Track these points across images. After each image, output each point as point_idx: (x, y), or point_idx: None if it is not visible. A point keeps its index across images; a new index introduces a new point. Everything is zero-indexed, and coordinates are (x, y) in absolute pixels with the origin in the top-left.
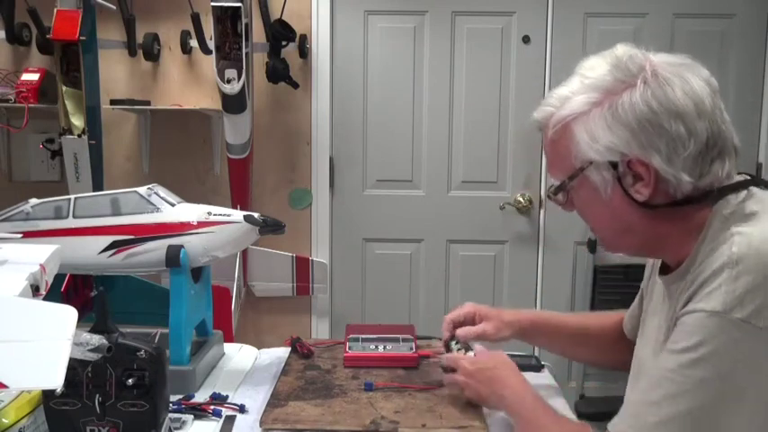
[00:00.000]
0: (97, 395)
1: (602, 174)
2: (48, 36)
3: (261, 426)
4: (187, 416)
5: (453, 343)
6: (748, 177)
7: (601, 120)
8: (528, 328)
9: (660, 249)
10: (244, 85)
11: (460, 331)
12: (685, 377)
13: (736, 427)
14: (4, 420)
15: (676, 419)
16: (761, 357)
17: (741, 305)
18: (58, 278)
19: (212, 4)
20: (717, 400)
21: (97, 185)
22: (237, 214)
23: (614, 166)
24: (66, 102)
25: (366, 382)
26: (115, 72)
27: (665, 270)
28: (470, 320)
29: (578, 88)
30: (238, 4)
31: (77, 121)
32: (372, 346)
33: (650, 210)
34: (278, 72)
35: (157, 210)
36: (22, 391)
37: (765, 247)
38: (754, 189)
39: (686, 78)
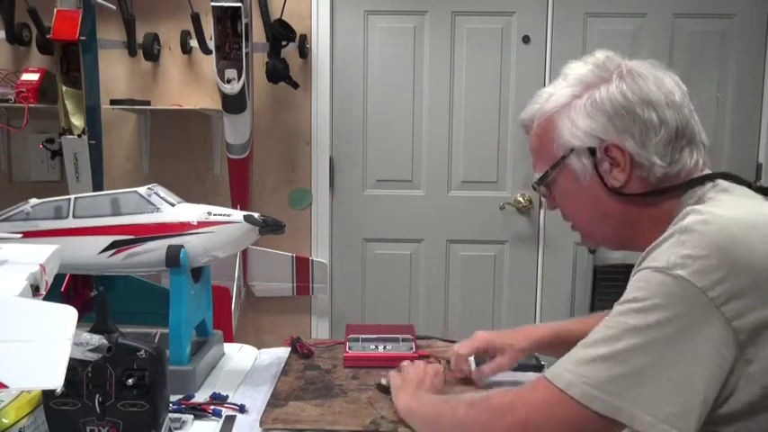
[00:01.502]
0: (97, 395)
1: (582, 160)
2: (48, 36)
3: (261, 426)
4: (187, 416)
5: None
6: (713, 173)
7: (581, 109)
8: (538, 348)
9: (634, 239)
10: (244, 85)
11: (475, 374)
12: (617, 323)
13: (656, 377)
14: (4, 420)
15: (605, 359)
16: (695, 317)
17: (683, 265)
18: (58, 278)
19: (212, 4)
20: (644, 347)
21: (97, 185)
22: (237, 214)
23: (593, 152)
24: (67, 102)
25: None
26: (115, 72)
27: None
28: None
29: (560, 84)
30: (238, 4)
31: (77, 121)
32: (372, 346)
33: (624, 197)
34: (278, 72)
35: (157, 210)
36: (22, 391)
37: (714, 219)
38: (721, 181)
39: (658, 76)
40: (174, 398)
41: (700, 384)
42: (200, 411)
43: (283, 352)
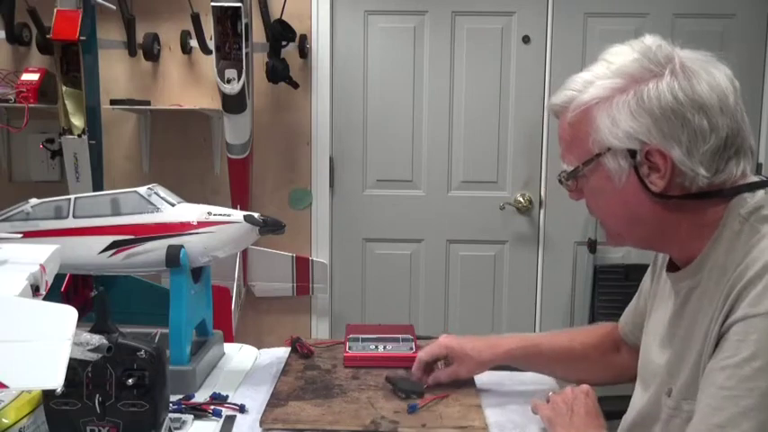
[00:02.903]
0: (97, 395)
1: (619, 161)
2: (48, 36)
3: (261, 426)
4: (187, 416)
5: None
6: (765, 179)
7: (624, 106)
8: (505, 361)
9: (668, 243)
10: (244, 85)
11: (432, 380)
12: (749, 391)
13: None
14: (4, 420)
15: None
16: None
17: None
18: (58, 278)
19: (212, 4)
20: None
21: (97, 185)
22: (237, 214)
23: (632, 154)
24: (67, 102)
25: (410, 405)
26: (115, 72)
27: (671, 266)
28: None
29: (602, 73)
30: (238, 4)
31: (77, 121)
32: (372, 346)
33: (663, 200)
34: (278, 72)
35: (157, 210)
36: (22, 391)
37: None
38: None
39: (712, 73)
40: (174, 398)
41: None
42: (200, 411)
43: (283, 352)
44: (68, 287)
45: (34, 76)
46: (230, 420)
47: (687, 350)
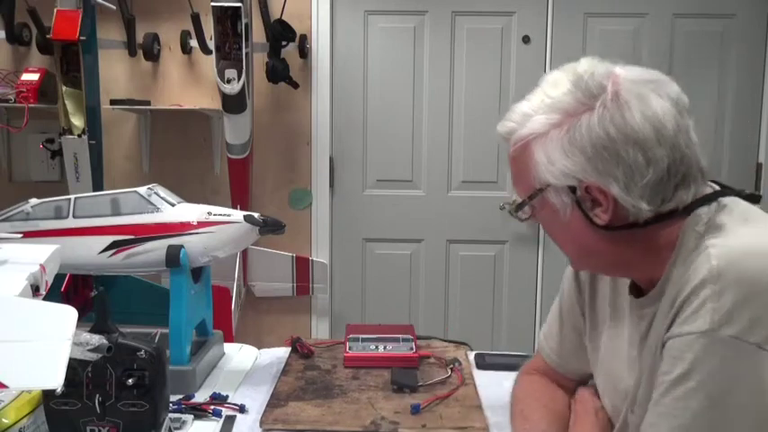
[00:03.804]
0: (97, 395)
1: (561, 197)
2: (48, 36)
3: (261, 426)
4: (187, 416)
5: None
6: (717, 188)
7: (558, 143)
8: None
9: (626, 269)
10: (244, 85)
11: None
12: (683, 410)
13: None
14: (4, 420)
15: None
16: (758, 375)
17: (729, 322)
18: (58, 278)
19: (212, 4)
20: (718, 426)
21: (97, 185)
22: (237, 214)
23: (573, 190)
24: (67, 102)
25: (413, 405)
26: (115, 72)
27: (635, 289)
28: None
29: (539, 107)
30: (238, 4)
31: (77, 121)
32: (372, 346)
33: (611, 232)
34: (278, 72)
35: (157, 210)
36: (22, 391)
37: (745, 258)
38: (724, 199)
39: (648, 100)
40: (174, 398)
41: None
42: (200, 411)
43: (283, 352)
44: (68, 287)
45: (34, 76)
46: (230, 420)
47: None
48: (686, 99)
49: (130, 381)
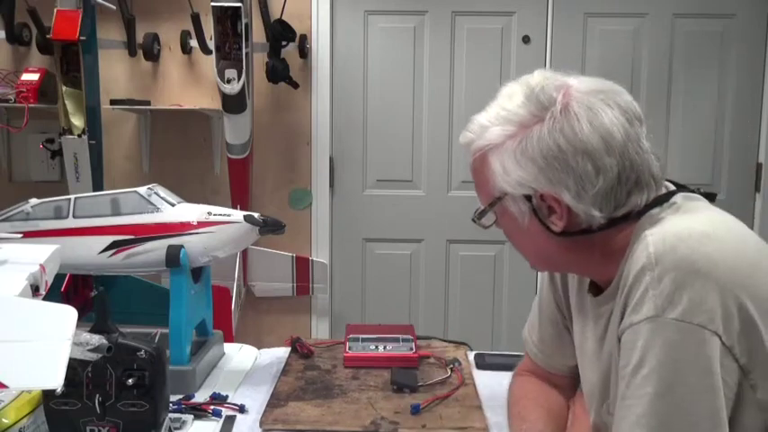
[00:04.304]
0: (97, 395)
1: (519, 205)
2: (48, 36)
3: (261, 426)
4: (187, 416)
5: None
6: (670, 189)
7: (512, 154)
8: None
9: (584, 270)
10: (244, 85)
11: None
12: (640, 398)
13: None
14: (4, 420)
15: None
16: (706, 354)
17: (671, 305)
18: (58, 278)
19: (212, 4)
20: (675, 411)
21: (97, 185)
22: (237, 214)
23: (528, 198)
24: (67, 102)
25: (413, 405)
26: (115, 72)
27: (594, 288)
28: None
29: (495, 119)
30: (238, 4)
31: (77, 121)
32: (372, 346)
33: (567, 238)
34: (278, 72)
35: (157, 210)
36: (22, 391)
37: (679, 243)
38: (676, 198)
39: (597, 111)
40: (174, 398)
41: (723, 414)
42: (200, 411)
43: (283, 352)
44: (68, 287)
45: (34, 76)
46: (230, 420)
47: (613, 365)
48: (637, 108)
49: (130, 381)
